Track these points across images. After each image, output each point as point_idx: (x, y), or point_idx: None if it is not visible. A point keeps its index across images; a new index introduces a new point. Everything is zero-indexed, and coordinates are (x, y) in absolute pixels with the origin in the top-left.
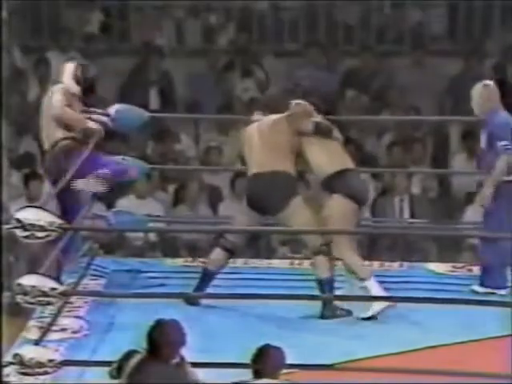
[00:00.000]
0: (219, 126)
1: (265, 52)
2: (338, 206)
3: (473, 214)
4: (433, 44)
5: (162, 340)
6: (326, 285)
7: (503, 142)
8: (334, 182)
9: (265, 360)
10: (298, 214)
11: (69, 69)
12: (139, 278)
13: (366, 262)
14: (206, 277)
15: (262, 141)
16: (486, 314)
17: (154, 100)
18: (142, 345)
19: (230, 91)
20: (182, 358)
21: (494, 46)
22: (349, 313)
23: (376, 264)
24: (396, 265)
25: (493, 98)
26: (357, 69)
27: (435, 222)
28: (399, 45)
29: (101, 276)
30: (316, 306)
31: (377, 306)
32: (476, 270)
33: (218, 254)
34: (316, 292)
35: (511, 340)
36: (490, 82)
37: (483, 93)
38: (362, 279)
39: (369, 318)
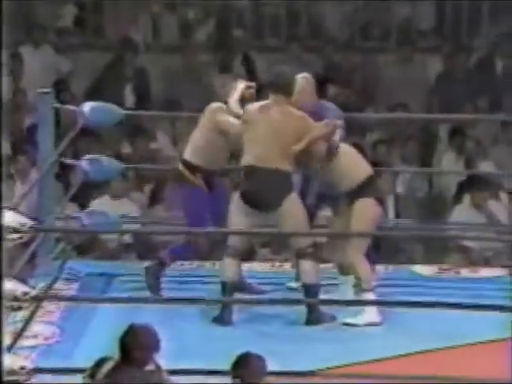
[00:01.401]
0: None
1: (245, 47)
2: (369, 210)
3: (460, 214)
4: (420, 40)
5: (134, 345)
6: (312, 290)
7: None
8: (365, 187)
9: (245, 368)
10: (293, 213)
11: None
12: (114, 281)
13: None
14: None
15: (272, 134)
16: (475, 318)
17: (129, 97)
18: (116, 351)
19: (209, 88)
20: (157, 365)
21: (482, 42)
22: (333, 318)
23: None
24: (380, 267)
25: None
26: (338, 64)
27: (420, 222)
28: (386, 41)
29: (74, 280)
30: (299, 311)
31: (366, 317)
32: (464, 272)
33: None
34: (299, 296)
35: (502, 345)
36: (305, 74)
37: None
38: (365, 290)
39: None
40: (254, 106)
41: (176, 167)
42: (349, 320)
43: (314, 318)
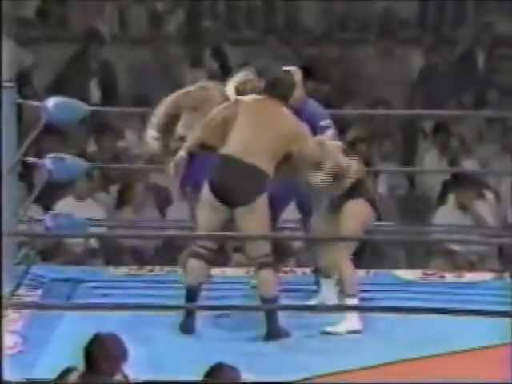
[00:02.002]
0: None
1: (219, 40)
2: (360, 212)
3: (444, 215)
4: (401, 31)
5: (100, 355)
6: (270, 303)
7: (325, 121)
8: (356, 188)
9: (218, 379)
10: (258, 216)
11: None
12: (79, 287)
13: None
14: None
15: (260, 131)
16: (461, 324)
17: (94, 92)
18: (81, 360)
19: (180, 83)
20: (125, 375)
21: (467, 33)
22: (287, 334)
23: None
24: (362, 272)
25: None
26: (315, 58)
27: (403, 224)
28: (365, 33)
29: (37, 286)
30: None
31: (347, 325)
32: (449, 276)
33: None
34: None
35: (491, 352)
36: (291, 68)
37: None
38: (349, 295)
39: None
40: (249, 98)
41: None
42: (329, 329)
43: (273, 332)
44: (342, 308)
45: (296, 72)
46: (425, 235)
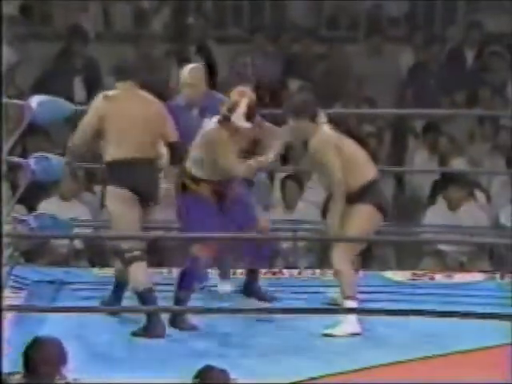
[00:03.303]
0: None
1: (203, 37)
2: (366, 218)
3: (434, 215)
4: (391, 29)
5: (38, 358)
6: (145, 296)
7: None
8: (366, 192)
9: (207, 382)
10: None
11: None
12: (64, 289)
13: (318, 271)
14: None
15: (139, 123)
16: (448, 327)
17: (79, 90)
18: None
19: (166, 81)
20: (65, 379)
21: (457, 31)
22: (193, 327)
23: (328, 273)
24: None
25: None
26: (303, 56)
27: (392, 224)
28: (354, 30)
29: (21, 287)
30: (261, 321)
31: (346, 329)
32: (439, 277)
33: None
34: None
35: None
36: (196, 64)
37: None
38: (348, 297)
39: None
40: (106, 98)
41: None
42: (328, 331)
43: (149, 327)
44: (336, 311)
45: (198, 69)
46: (415, 235)
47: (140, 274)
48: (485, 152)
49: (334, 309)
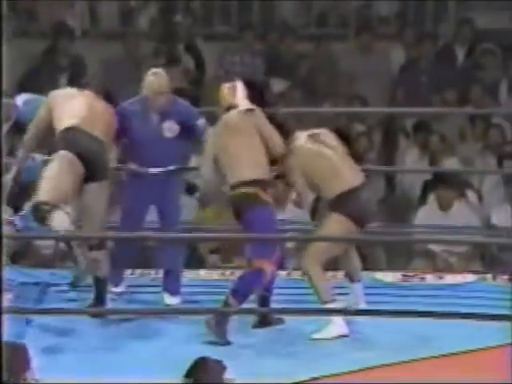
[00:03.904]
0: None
1: (193, 35)
2: (337, 229)
3: (425, 215)
4: (382, 27)
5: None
6: (101, 283)
7: (201, 120)
8: (341, 201)
9: (202, 374)
10: (99, 200)
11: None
12: (50, 291)
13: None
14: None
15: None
16: (439, 328)
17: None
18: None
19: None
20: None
21: (448, 28)
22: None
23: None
24: (339, 275)
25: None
26: (280, 54)
27: (382, 225)
28: (343, 28)
29: (7, 289)
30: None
31: (333, 331)
32: (430, 278)
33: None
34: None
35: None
36: (160, 70)
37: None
38: (325, 302)
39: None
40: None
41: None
42: (316, 335)
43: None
44: (325, 312)
45: (163, 74)
46: (405, 236)
47: (103, 261)
48: (476, 151)
49: (323, 310)
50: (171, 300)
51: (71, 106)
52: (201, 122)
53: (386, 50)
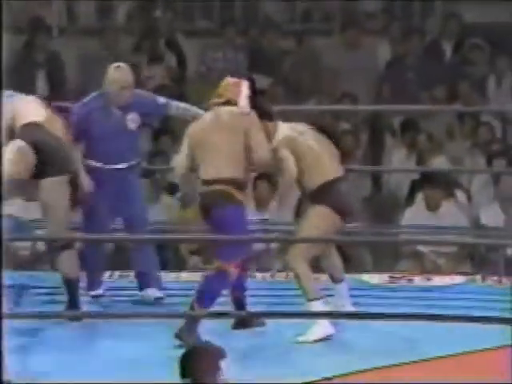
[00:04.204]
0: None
1: (173, 31)
2: (321, 220)
3: (412, 216)
4: (368, 22)
5: None
6: (74, 285)
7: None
8: (324, 192)
9: (195, 361)
10: (57, 196)
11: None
12: (26, 294)
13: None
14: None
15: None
16: (426, 331)
17: (41, 85)
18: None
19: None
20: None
21: (435, 23)
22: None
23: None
24: (324, 277)
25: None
26: (263, 50)
27: (369, 225)
28: (328, 23)
29: None
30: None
31: (318, 332)
32: (417, 280)
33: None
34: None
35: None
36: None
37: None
38: (311, 300)
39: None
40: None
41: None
42: (302, 338)
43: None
44: (310, 314)
45: (127, 69)
46: (392, 236)
47: (72, 263)
48: (465, 150)
49: (308, 313)
50: (157, 293)
51: (33, 108)
52: (161, 100)
53: (372, 45)
